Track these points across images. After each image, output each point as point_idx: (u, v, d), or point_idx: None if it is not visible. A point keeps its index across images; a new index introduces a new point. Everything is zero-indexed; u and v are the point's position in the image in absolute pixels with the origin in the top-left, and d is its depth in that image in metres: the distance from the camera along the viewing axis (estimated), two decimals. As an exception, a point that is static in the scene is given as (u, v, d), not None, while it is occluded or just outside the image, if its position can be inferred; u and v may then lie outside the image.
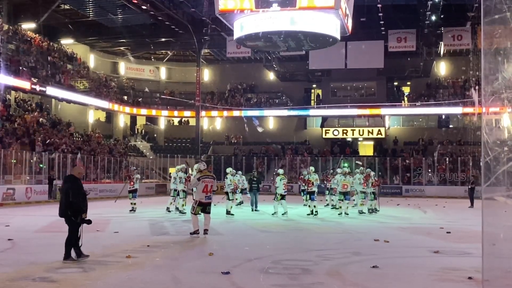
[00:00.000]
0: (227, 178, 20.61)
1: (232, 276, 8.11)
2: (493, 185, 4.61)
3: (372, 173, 21.57)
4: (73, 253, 9.22)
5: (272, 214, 19.02)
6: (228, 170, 21.08)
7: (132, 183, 20.51)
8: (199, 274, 8.42)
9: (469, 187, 27.18)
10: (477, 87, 33.30)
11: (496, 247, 4.67)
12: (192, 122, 47.44)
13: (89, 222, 9.27)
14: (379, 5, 35.34)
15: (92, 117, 43.91)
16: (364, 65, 42.28)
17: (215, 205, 21.65)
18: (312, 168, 21.16)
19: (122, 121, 48.33)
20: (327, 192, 24.36)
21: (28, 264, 9.10)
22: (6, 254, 10.18)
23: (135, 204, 20.31)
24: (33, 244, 11.92)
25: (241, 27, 26.48)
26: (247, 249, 11.12)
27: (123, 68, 49.49)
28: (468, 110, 40.44)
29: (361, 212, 20.11)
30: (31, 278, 7.95)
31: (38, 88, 33.96)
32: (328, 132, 46.71)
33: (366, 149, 46.29)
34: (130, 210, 19.91)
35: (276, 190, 19.23)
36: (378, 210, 20.92)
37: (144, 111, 47.50)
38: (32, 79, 33.77)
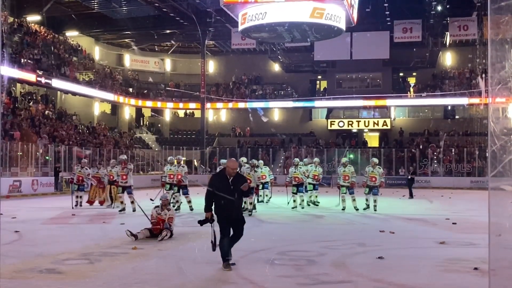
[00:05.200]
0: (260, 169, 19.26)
1: (237, 267, 8.12)
2: (499, 174, 4.58)
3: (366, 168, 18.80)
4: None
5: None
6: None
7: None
8: (204, 265, 8.44)
9: (408, 177, 26.47)
10: (483, 75, 33.14)
11: (502, 238, 4.64)
12: (198, 114, 47.40)
13: (201, 222, 8.12)
14: (385, -5, 35.19)
15: (97, 109, 43.98)
16: (369, 55, 42.07)
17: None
18: (306, 160, 20.34)
19: (127, 113, 48.39)
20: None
21: (35, 256, 9.15)
22: (13, 246, 10.23)
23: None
24: (39, 236, 11.98)
25: (246, 18, 26.39)
26: (252, 240, 11.13)
27: (128, 60, 49.46)
28: (474, 100, 40.21)
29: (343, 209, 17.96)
30: (37, 270, 8.00)
31: (43, 80, 34.01)
32: (333, 124, 46.62)
33: (372, 140, 46.19)
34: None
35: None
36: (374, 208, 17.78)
37: (149, 103, 47.49)
38: (38, 71, 33.82)
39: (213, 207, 8.07)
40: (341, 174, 18.12)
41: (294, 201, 18.60)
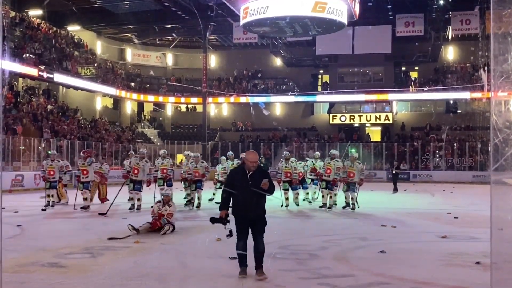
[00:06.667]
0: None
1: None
2: (501, 168, 4.57)
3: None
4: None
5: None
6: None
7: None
8: (206, 259, 8.46)
9: (394, 172, 26.10)
10: (486, 68, 33.07)
11: (504, 232, 4.64)
12: (199, 108, 47.38)
13: (212, 220, 7.28)
14: (387, -11, 35.10)
15: (99, 103, 44.00)
16: (371, 50, 42.00)
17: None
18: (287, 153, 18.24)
19: (129, 107, 48.41)
20: None
21: (37, 250, 9.18)
22: (15, 240, 10.25)
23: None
24: (41, 230, 12.01)
25: (248, 12, 26.35)
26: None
27: (130, 54, 49.43)
28: (476, 95, 40.17)
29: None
30: (39, 264, 8.02)
31: (45, 75, 33.99)
32: (335, 118, 46.58)
33: (374, 134, 46.16)
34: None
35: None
36: (351, 207, 16.26)
37: (151, 98, 47.51)
38: (39, 66, 33.82)
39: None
40: (325, 166, 16.64)
41: (287, 199, 16.91)
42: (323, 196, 16.73)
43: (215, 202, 17.10)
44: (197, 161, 17.05)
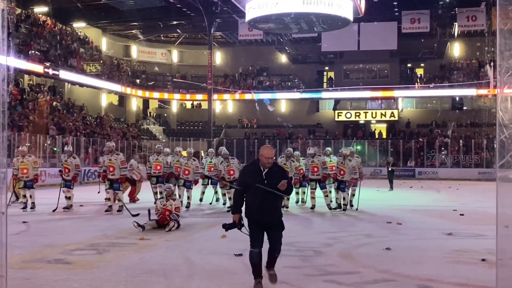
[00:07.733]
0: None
1: (244, 258, 8.11)
2: (507, 164, 4.55)
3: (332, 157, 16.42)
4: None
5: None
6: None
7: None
8: (211, 256, 8.47)
9: (389, 169, 25.46)
10: (492, 64, 32.95)
11: (509, 229, 4.62)
12: (204, 105, 47.42)
13: (225, 227, 6.59)
14: (392, -14, 34.97)
15: (105, 100, 44.06)
16: (377, 46, 41.88)
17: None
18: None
19: (134, 104, 48.48)
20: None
21: (43, 246, 9.22)
22: (21, 237, 10.30)
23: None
24: (47, 226, 12.05)
25: (253, 9, 26.34)
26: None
27: (135, 51, 49.48)
28: (482, 91, 40.04)
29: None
30: (45, 260, 8.05)
31: (51, 71, 34.07)
32: (340, 115, 46.50)
33: (379, 131, 46.06)
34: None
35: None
36: (343, 208, 15.10)
37: (156, 95, 47.56)
38: (45, 62, 33.89)
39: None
40: (309, 165, 15.41)
41: (288, 199, 14.76)
42: (312, 197, 15.55)
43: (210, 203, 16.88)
44: (189, 157, 16.10)
